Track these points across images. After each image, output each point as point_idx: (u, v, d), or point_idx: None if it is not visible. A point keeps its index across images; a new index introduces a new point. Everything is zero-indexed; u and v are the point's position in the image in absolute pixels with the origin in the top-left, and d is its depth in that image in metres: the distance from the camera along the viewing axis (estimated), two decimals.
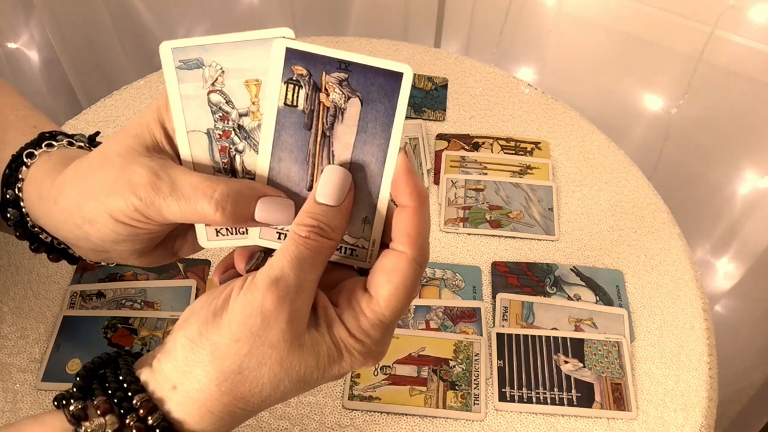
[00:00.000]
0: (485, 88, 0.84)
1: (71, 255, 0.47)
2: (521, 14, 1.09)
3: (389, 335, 0.37)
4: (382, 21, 1.17)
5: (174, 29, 1.24)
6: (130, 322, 0.63)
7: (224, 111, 0.37)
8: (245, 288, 0.35)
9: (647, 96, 1.06)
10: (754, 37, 0.91)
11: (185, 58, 0.36)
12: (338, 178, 0.36)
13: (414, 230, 0.36)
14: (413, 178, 0.36)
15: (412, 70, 0.34)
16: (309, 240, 0.35)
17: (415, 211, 0.36)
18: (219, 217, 0.36)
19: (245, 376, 0.35)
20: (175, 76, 0.37)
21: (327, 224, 0.36)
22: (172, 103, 0.37)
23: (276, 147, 0.37)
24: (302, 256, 0.35)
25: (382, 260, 0.36)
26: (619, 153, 0.78)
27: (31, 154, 0.44)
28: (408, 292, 0.36)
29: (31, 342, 0.62)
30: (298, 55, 0.35)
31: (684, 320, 0.64)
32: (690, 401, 0.59)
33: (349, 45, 0.89)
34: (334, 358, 0.36)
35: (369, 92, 0.35)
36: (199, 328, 0.35)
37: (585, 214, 0.72)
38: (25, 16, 1.15)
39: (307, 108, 0.36)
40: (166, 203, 0.36)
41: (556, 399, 0.59)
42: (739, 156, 1.03)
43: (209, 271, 0.67)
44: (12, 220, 0.44)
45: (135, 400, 0.35)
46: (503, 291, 0.66)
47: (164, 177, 0.37)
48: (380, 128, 0.35)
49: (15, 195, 0.44)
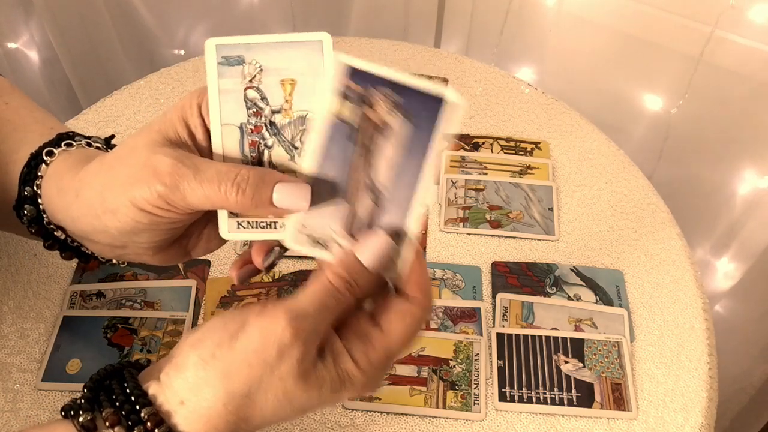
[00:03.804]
0: (485, 88, 0.84)
1: (84, 253, 0.47)
2: (521, 14, 1.09)
3: (388, 370, 0.41)
4: (382, 21, 1.17)
5: (174, 29, 1.24)
6: (130, 322, 0.63)
7: (258, 107, 0.39)
8: (265, 315, 0.36)
9: (647, 96, 1.06)
10: (754, 37, 0.91)
11: (228, 55, 0.38)
12: (383, 248, 0.38)
13: (426, 284, 0.39)
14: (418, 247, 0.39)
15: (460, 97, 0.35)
16: (337, 292, 0.37)
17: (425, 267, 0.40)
18: (240, 199, 0.37)
19: (251, 400, 0.36)
20: (216, 71, 0.38)
21: (357, 282, 0.38)
22: (210, 96, 0.39)
23: (320, 157, 0.38)
24: (326, 303, 0.37)
25: (397, 302, 0.39)
26: (619, 153, 0.78)
27: (51, 152, 0.45)
28: (415, 333, 0.39)
29: (31, 342, 0.62)
30: (355, 72, 0.37)
31: (684, 320, 0.64)
32: (690, 401, 0.59)
33: (349, 45, 0.89)
34: (335, 389, 0.37)
35: (416, 113, 0.36)
36: (212, 349, 0.36)
37: (585, 214, 0.72)
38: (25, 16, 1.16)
39: (355, 122, 0.37)
40: (190, 187, 0.37)
41: (556, 399, 0.59)
42: (739, 156, 1.03)
43: (209, 272, 0.67)
44: (28, 216, 0.45)
45: (143, 413, 0.36)
46: (503, 291, 0.66)
47: (188, 163, 0.38)
48: (422, 148, 0.36)
49: (33, 192, 0.44)
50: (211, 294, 0.65)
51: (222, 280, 0.66)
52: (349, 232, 0.39)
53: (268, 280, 0.66)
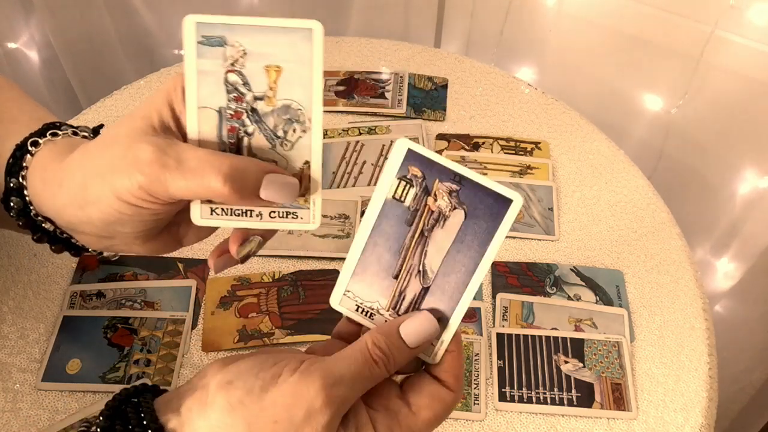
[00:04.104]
0: (485, 88, 0.84)
1: (74, 245, 0.47)
2: (521, 14, 1.09)
3: None
4: (382, 21, 1.17)
5: (174, 29, 1.24)
6: (130, 322, 0.63)
7: (240, 92, 0.37)
8: (300, 374, 0.35)
9: (647, 96, 1.06)
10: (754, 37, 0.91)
11: (208, 34, 0.36)
12: (427, 328, 0.38)
13: (461, 372, 0.39)
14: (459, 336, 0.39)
15: (522, 199, 0.35)
16: (375, 366, 0.37)
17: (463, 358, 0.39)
18: (227, 191, 0.36)
19: None
20: (195, 51, 0.37)
21: (395, 358, 0.37)
22: (187, 77, 0.37)
23: (375, 232, 0.38)
24: (362, 375, 0.36)
25: (430, 384, 0.39)
26: (619, 153, 0.78)
27: (36, 142, 0.44)
28: (443, 419, 0.39)
29: (31, 342, 0.62)
30: (418, 158, 0.37)
31: (684, 320, 0.64)
32: (690, 401, 0.59)
33: (349, 45, 0.89)
34: None
35: (475, 208, 0.36)
36: (242, 397, 0.35)
37: (585, 214, 0.72)
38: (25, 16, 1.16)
39: (413, 206, 0.37)
40: (172, 177, 0.36)
41: (556, 399, 0.59)
42: (739, 156, 1.03)
43: (209, 272, 0.67)
44: (15, 209, 0.44)
45: None
46: (503, 291, 0.66)
47: (170, 152, 0.37)
48: (477, 243, 0.37)
49: (19, 183, 0.44)
50: (211, 294, 0.65)
51: (222, 280, 0.66)
52: (395, 311, 0.39)
53: (268, 280, 0.66)
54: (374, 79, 0.84)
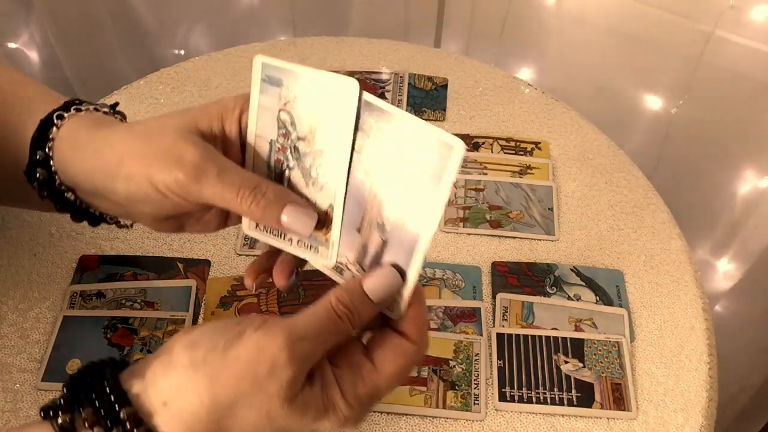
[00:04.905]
0: (485, 88, 0.84)
1: (93, 215, 0.48)
2: (521, 14, 1.09)
3: (374, 407, 0.40)
4: (382, 21, 1.17)
5: (174, 29, 1.24)
6: (130, 322, 0.63)
7: (287, 129, 0.41)
8: (263, 331, 0.36)
9: (647, 96, 1.06)
10: (754, 37, 0.91)
11: (270, 75, 0.40)
12: (389, 282, 0.38)
13: (425, 326, 0.40)
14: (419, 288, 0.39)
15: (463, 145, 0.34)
16: (339, 321, 0.37)
17: (425, 310, 0.40)
18: (253, 208, 0.39)
19: (234, 413, 0.36)
20: (259, 87, 0.41)
21: (359, 313, 0.38)
22: (251, 108, 0.42)
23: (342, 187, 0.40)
24: (326, 330, 0.37)
25: (393, 341, 0.39)
26: (619, 153, 0.78)
27: (61, 116, 0.45)
28: (407, 375, 0.39)
29: (31, 342, 0.62)
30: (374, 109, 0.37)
31: (684, 320, 0.64)
32: (690, 401, 0.59)
33: (349, 45, 0.89)
34: (318, 417, 0.37)
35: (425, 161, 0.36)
36: (205, 355, 0.36)
37: (585, 214, 0.72)
38: (25, 16, 1.16)
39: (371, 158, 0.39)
40: (210, 183, 0.39)
41: (556, 399, 0.59)
42: (739, 156, 1.03)
43: (209, 272, 0.67)
44: (40, 179, 0.46)
45: (122, 414, 0.35)
46: (503, 291, 0.66)
47: (214, 160, 0.40)
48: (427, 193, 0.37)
49: (44, 155, 0.45)
50: (211, 294, 0.65)
51: (222, 280, 0.66)
52: (360, 265, 0.40)
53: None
54: (374, 79, 0.84)
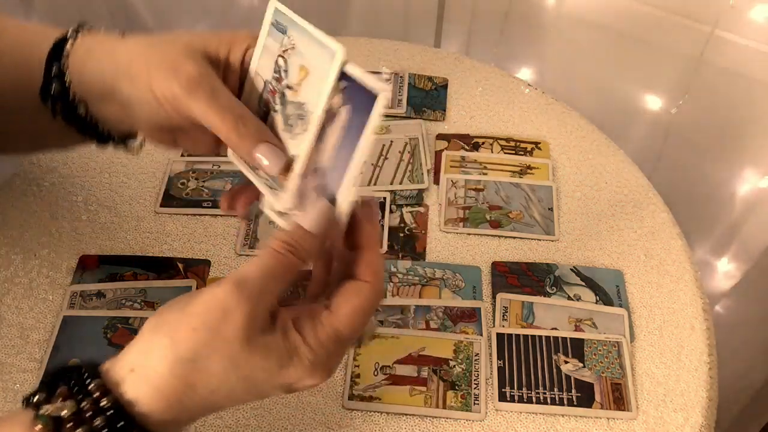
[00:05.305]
0: (485, 88, 0.84)
1: (100, 134, 0.51)
2: (521, 14, 1.09)
3: (341, 353, 0.41)
4: (382, 21, 1.17)
5: (174, 29, 1.24)
6: (130, 322, 0.63)
7: (280, 75, 0.43)
8: (215, 284, 0.38)
9: (647, 96, 1.06)
10: (754, 37, 0.91)
11: (279, 21, 0.43)
12: (320, 211, 0.40)
13: (379, 268, 0.41)
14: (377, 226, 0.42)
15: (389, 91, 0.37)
16: (280, 255, 0.39)
17: (378, 253, 0.41)
18: (231, 135, 0.42)
19: (197, 365, 0.37)
20: (267, 29, 0.44)
21: (301, 245, 0.40)
22: (257, 45, 0.45)
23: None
24: (271, 266, 0.39)
25: (346, 285, 0.41)
26: (619, 153, 0.78)
27: (75, 35, 0.48)
28: (366, 315, 0.40)
29: (31, 342, 0.62)
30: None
31: (684, 320, 0.64)
32: (690, 401, 0.59)
33: (349, 45, 0.89)
34: (283, 363, 0.38)
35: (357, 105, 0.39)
36: (165, 316, 0.38)
37: (585, 214, 0.72)
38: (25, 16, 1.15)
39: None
40: (199, 101, 0.41)
41: (556, 399, 0.59)
42: (739, 156, 1.03)
43: (209, 272, 0.67)
44: (54, 94, 0.48)
45: (91, 386, 0.37)
46: (503, 291, 0.66)
47: (210, 81, 0.42)
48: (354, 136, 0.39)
49: (59, 71, 0.47)
50: None
51: None
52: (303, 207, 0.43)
53: None
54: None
